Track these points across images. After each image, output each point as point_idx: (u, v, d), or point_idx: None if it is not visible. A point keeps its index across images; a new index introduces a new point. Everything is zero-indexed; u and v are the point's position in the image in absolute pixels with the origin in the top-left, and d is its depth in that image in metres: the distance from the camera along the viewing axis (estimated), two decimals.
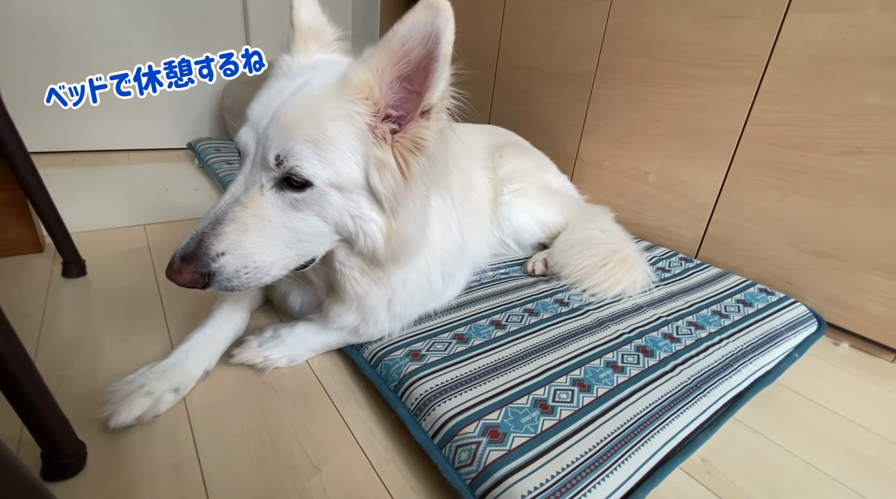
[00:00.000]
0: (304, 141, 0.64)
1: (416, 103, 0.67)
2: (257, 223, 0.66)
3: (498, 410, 0.71)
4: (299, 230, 0.69)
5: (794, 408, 0.90)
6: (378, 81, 0.65)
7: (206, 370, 0.80)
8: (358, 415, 0.77)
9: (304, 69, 0.71)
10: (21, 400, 0.55)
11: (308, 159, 0.64)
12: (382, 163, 0.67)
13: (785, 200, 1.21)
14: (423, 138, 0.67)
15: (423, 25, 0.59)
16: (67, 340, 0.88)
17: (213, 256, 0.64)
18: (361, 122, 0.66)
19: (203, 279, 0.64)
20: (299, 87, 0.67)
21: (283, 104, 0.66)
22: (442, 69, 0.62)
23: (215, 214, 0.66)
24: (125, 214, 1.44)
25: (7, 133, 0.90)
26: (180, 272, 0.63)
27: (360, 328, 0.85)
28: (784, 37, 1.14)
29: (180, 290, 1.05)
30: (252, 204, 0.66)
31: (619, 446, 0.67)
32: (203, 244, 0.64)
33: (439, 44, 0.60)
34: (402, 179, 0.69)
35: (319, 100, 0.66)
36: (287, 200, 0.67)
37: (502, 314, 1.00)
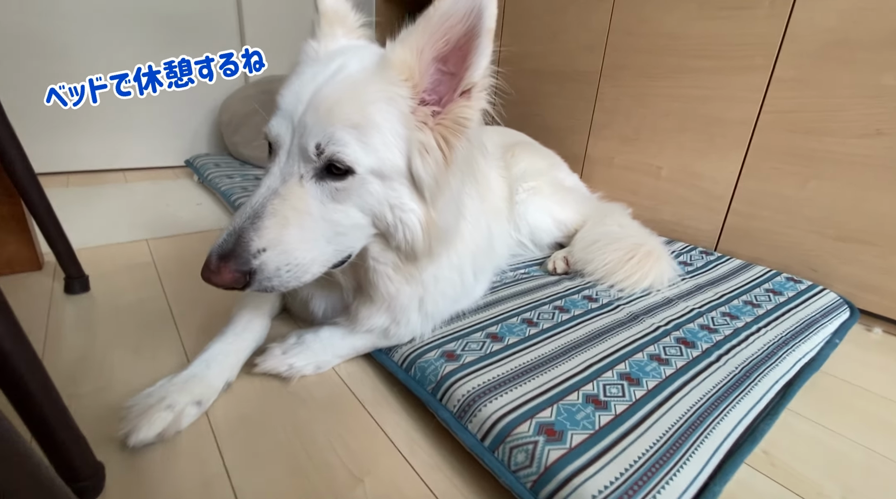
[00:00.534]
0: (346, 126, 0.60)
1: (450, 85, 0.66)
2: (297, 217, 0.62)
3: (549, 407, 0.66)
4: (339, 223, 0.65)
5: (843, 395, 0.87)
6: (418, 62, 0.63)
7: (227, 381, 0.75)
8: (395, 422, 0.72)
9: (333, 54, 0.68)
10: (35, 416, 0.50)
11: (350, 145, 0.61)
12: (425, 147, 0.64)
13: (805, 187, 1.19)
14: (467, 118, 0.65)
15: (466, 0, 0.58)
16: (74, 357, 0.82)
17: (253, 253, 0.59)
18: (404, 105, 0.63)
19: (244, 278, 0.60)
20: (334, 71, 0.64)
21: (319, 90, 0.62)
22: (486, 45, 0.60)
23: (253, 208, 0.61)
24: (126, 230, 1.39)
25: (7, 139, 0.86)
26: (219, 271, 0.58)
27: (391, 330, 0.80)
28: (795, 23, 1.14)
29: (192, 301, 1.02)
30: (291, 196, 0.62)
31: (683, 439, 0.63)
32: (243, 240, 0.59)
33: (482, 18, 0.59)
34: (444, 164, 0.66)
35: (360, 83, 0.63)
36: (327, 190, 0.63)
37: (532, 312, 0.96)
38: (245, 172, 1.91)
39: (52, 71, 1.85)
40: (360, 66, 0.64)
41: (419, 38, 0.61)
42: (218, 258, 0.59)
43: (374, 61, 0.65)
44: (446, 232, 0.72)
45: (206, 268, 0.59)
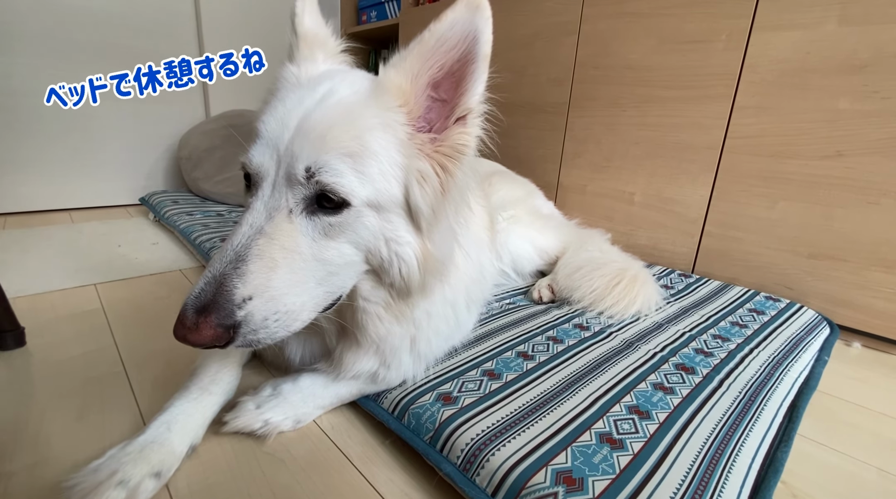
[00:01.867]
0: (340, 154, 0.55)
1: (441, 111, 0.63)
2: (287, 257, 0.55)
3: (563, 450, 0.60)
4: (331, 262, 0.59)
5: (842, 413, 0.86)
6: (412, 87, 0.60)
7: (192, 445, 0.64)
8: (390, 479, 0.64)
9: (319, 78, 0.63)
10: None
11: (345, 175, 0.55)
12: (423, 176, 0.60)
13: (774, 207, 1.23)
14: (465, 145, 0.62)
15: (463, 24, 0.56)
16: (4, 425, 0.69)
17: (238, 303, 0.52)
18: (401, 132, 0.59)
19: (227, 334, 0.51)
20: (323, 95, 0.59)
21: (308, 115, 0.57)
22: (482, 71, 0.59)
23: (235, 251, 0.54)
24: (71, 274, 1.25)
25: None
26: (199, 329, 0.50)
27: (380, 374, 0.73)
28: (751, 55, 1.21)
29: (148, 351, 0.91)
30: (279, 234, 0.55)
31: (708, 474, 0.58)
32: (225, 289, 0.51)
33: (478, 43, 0.57)
34: (441, 193, 0.62)
35: (354, 108, 0.58)
36: (319, 226, 0.57)
37: (526, 344, 0.91)
38: (206, 209, 1.81)
39: None
40: (352, 90, 0.60)
41: (413, 62, 0.59)
42: (195, 312, 0.50)
43: (366, 86, 0.61)
44: (443, 264, 0.67)
45: (180, 325, 0.51)
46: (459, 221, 0.73)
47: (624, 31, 1.45)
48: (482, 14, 0.56)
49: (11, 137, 1.78)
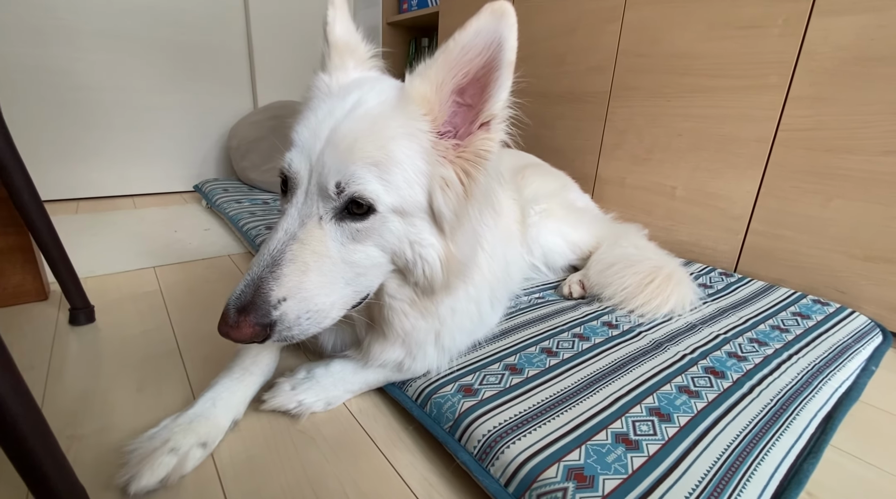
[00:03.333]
0: (367, 164, 0.58)
1: (466, 117, 0.64)
2: (317, 261, 0.59)
3: (577, 448, 0.62)
4: (359, 264, 0.62)
5: (884, 427, 0.81)
6: (437, 95, 0.61)
7: (234, 420, 0.71)
8: (411, 463, 0.68)
9: (348, 88, 0.66)
10: (30, 467, 0.46)
11: (372, 183, 0.58)
12: (446, 181, 0.63)
13: (828, 206, 1.16)
14: (488, 150, 0.63)
15: (487, 32, 0.57)
16: (76, 394, 0.79)
17: (273, 304, 0.56)
18: (425, 140, 0.61)
19: (265, 331, 0.56)
20: (352, 106, 0.61)
21: (338, 126, 0.60)
22: (506, 77, 0.60)
23: (271, 255, 0.58)
24: (134, 258, 1.37)
25: (14, 169, 0.85)
26: (239, 326, 0.55)
27: (405, 364, 0.77)
28: (810, 41, 1.13)
29: (198, 331, 0.99)
30: (311, 240, 0.59)
31: (724, 483, 0.58)
32: (262, 291, 0.56)
33: (503, 50, 0.58)
34: (464, 197, 0.64)
35: (379, 118, 0.60)
36: (347, 232, 0.61)
37: (551, 340, 0.92)
38: (253, 197, 1.91)
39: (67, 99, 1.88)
40: (379, 100, 0.62)
41: (438, 71, 0.60)
42: (236, 311, 0.55)
43: (392, 95, 0.63)
44: (465, 265, 0.70)
45: (223, 322, 0.56)
46: (484, 222, 0.75)
47: (671, 16, 1.38)
48: (507, 21, 0.57)
49: (80, 128, 1.95)
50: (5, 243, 1.01)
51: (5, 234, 1.00)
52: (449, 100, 0.63)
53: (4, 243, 1.01)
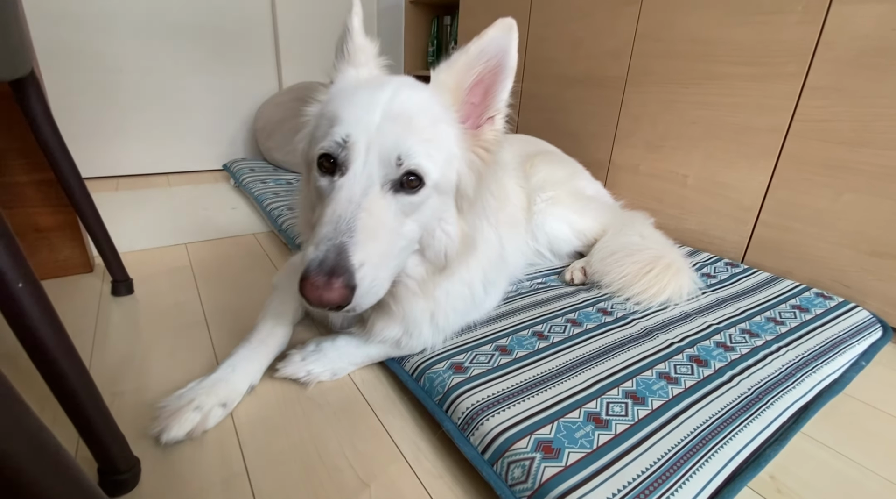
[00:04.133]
0: (421, 139, 0.65)
1: (474, 111, 0.74)
2: (380, 230, 0.62)
3: (550, 424, 0.68)
4: (404, 236, 0.68)
5: (864, 420, 0.84)
6: (458, 90, 0.71)
7: (251, 385, 0.80)
8: (403, 429, 0.76)
9: (379, 79, 0.73)
10: (81, 417, 0.56)
11: (425, 159, 0.65)
12: (469, 166, 0.72)
13: (838, 199, 1.15)
14: (496, 140, 0.74)
15: (498, 41, 0.69)
16: (118, 357, 0.90)
17: (356, 267, 0.58)
18: (457, 127, 0.71)
19: (350, 295, 0.57)
20: (393, 92, 0.67)
21: (390, 105, 0.65)
22: (509, 79, 0.72)
23: (346, 222, 0.60)
24: (167, 234, 1.49)
25: (60, 156, 0.95)
26: (331, 287, 0.56)
27: (403, 341, 0.84)
28: (829, 30, 1.10)
29: (223, 305, 1.09)
30: (375, 209, 0.62)
31: (682, 462, 0.63)
32: (345, 254, 0.57)
33: (508, 56, 0.70)
34: (478, 181, 0.74)
35: (425, 104, 0.68)
36: (400, 204, 0.65)
37: (544, 325, 0.98)
38: (277, 177, 2.00)
39: (105, 82, 2.00)
40: (417, 89, 0.70)
41: (460, 69, 0.70)
42: (327, 274, 0.56)
43: (426, 87, 0.71)
44: (472, 243, 0.79)
45: (311, 287, 0.56)
46: (486, 205, 0.83)
47: (690, 0, 1.35)
48: (512, 34, 0.69)
49: (118, 110, 2.07)
50: (55, 221, 1.13)
51: (55, 213, 1.12)
52: (464, 96, 0.72)
53: (55, 221, 1.13)
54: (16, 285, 0.47)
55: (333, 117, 0.67)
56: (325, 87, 0.77)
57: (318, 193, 0.69)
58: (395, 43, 2.79)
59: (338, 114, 0.66)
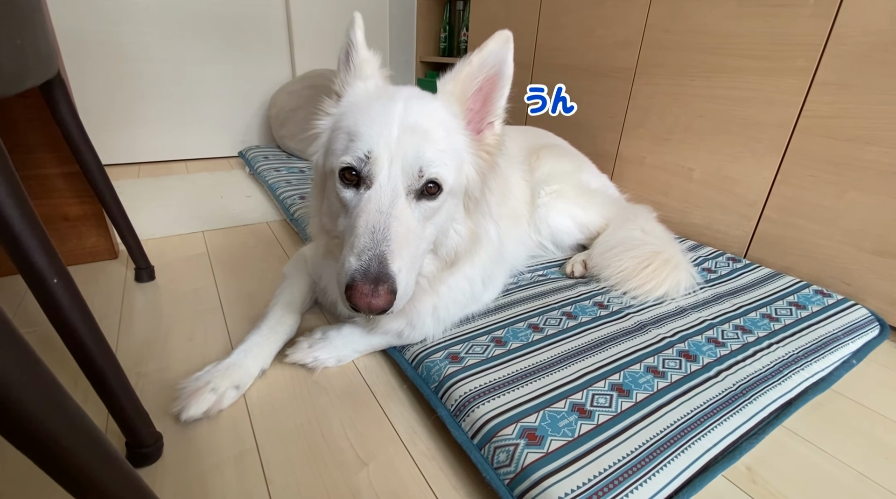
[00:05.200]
0: (439, 150, 0.70)
1: (475, 117, 0.79)
2: (409, 236, 0.67)
3: (536, 413, 0.72)
4: (426, 239, 0.74)
5: (850, 417, 0.86)
6: (463, 99, 0.76)
7: (262, 369, 0.87)
8: (401, 413, 0.81)
9: (388, 90, 0.77)
10: (109, 395, 0.63)
11: (443, 167, 0.70)
12: (476, 169, 0.77)
13: (843, 197, 1.14)
14: (496, 144, 0.80)
15: (497, 52, 0.75)
16: (142, 339, 0.97)
17: (396, 273, 0.63)
18: (465, 134, 0.77)
19: (393, 299, 0.63)
20: (406, 104, 0.71)
21: (405, 117, 0.70)
22: (507, 86, 0.77)
23: (382, 232, 0.65)
24: (186, 222, 1.56)
25: (85, 150, 1.01)
26: (378, 294, 0.61)
27: (406, 332, 0.89)
28: (840, 24, 1.08)
29: (237, 292, 1.15)
30: (404, 217, 0.67)
31: (659, 451, 0.67)
32: (386, 262, 0.63)
33: (505, 65, 0.76)
34: (483, 181, 0.80)
35: (437, 114, 0.73)
36: (422, 210, 0.71)
37: (540, 317, 1.02)
38: (290, 165, 2.05)
39: (125, 71, 2.06)
40: (427, 100, 0.75)
41: (464, 79, 0.76)
42: (373, 283, 0.62)
43: (433, 97, 0.76)
44: (479, 238, 0.85)
45: (360, 294, 0.61)
46: (490, 202, 0.89)
47: None
48: (509, 46, 0.75)
49: (139, 98, 2.13)
50: (82, 211, 1.20)
51: (82, 203, 1.19)
52: (468, 103, 0.77)
53: (82, 211, 1.20)
54: (52, 281, 0.53)
55: (352, 132, 0.71)
56: (333, 99, 0.81)
57: (341, 203, 0.73)
58: (408, 29, 2.78)
59: (356, 129, 0.71)
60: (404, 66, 2.90)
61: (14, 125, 1.07)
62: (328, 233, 0.82)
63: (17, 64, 0.62)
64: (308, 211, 0.90)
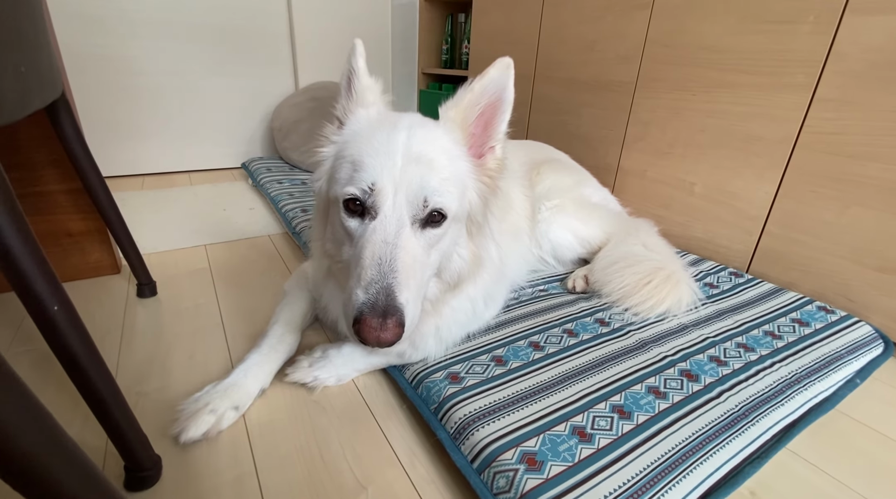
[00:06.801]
0: (442, 179, 0.71)
1: (474, 142, 0.80)
2: (416, 266, 0.68)
3: (536, 437, 0.72)
4: (431, 266, 0.74)
5: (854, 438, 0.85)
6: (465, 125, 0.77)
7: (262, 388, 0.86)
8: (401, 435, 0.81)
9: (390, 118, 0.78)
10: (109, 420, 0.63)
11: (446, 195, 0.70)
12: (478, 194, 0.78)
13: (845, 213, 1.14)
14: (498, 168, 0.81)
15: (498, 79, 0.76)
16: (143, 357, 0.97)
17: (404, 306, 0.63)
18: (468, 160, 0.78)
19: (402, 332, 0.63)
20: (408, 133, 0.72)
21: (409, 147, 0.70)
22: (507, 111, 0.78)
23: (389, 263, 0.65)
24: (189, 235, 1.57)
25: (88, 168, 1.01)
26: (386, 327, 0.61)
27: (407, 352, 0.89)
28: (840, 41, 1.08)
29: (238, 308, 1.16)
30: (409, 246, 0.67)
31: (660, 476, 0.67)
32: (393, 294, 0.63)
33: (506, 91, 0.77)
34: (485, 205, 0.80)
35: (439, 142, 0.74)
36: (427, 238, 0.71)
37: (541, 335, 1.01)
38: (293, 177, 2.06)
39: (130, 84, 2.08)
40: (430, 127, 0.75)
41: (466, 105, 0.77)
42: (382, 317, 0.61)
43: (436, 124, 0.77)
44: (482, 260, 0.86)
45: (369, 328, 0.61)
46: (491, 223, 0.89)
47: (701, 5, 1.34)
48: (510, 72, 0.76)
49: (142, 110, 2.15)
50: (86, 226, 1.21)
51: (85, 219, 1.20)
52: (470, 129, 0.78)
53: (85, 226, 1.21)
54: (52, 309, 0.53)
55: (356, 162, 0.71)
56: (335, 125, 0.81)
57: (345, 232, 0.73)
58: (410, 41, 2.80)
59: (360, 159, 0.71)
60: (407, 78, 2.92)
61: (18, 143, 1.08)
62: (331, 257, 0.82)
63: (20, 92, 0.63)
64: (311, 234, 0.90)
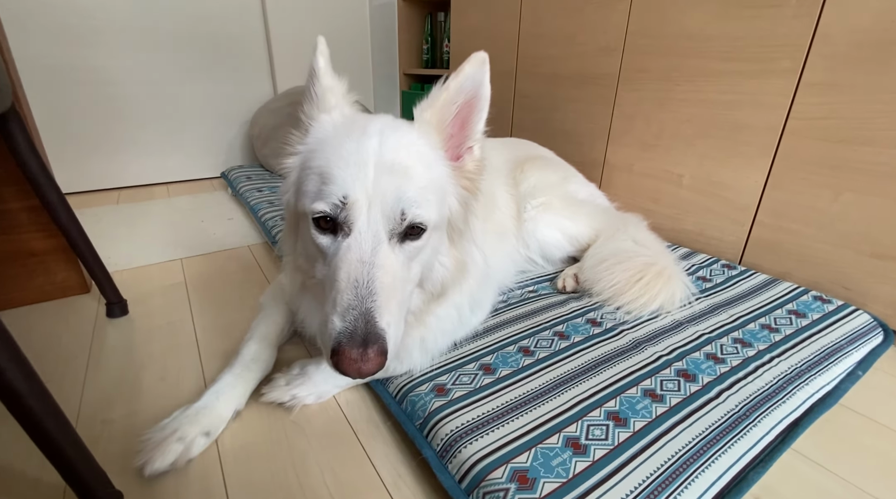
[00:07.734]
0: (419, 188, 0.65)
1: (453, 143, 0.76)
2: (394, 284, 0.62)
3: (527, 451, 0.67)
4: (411, 280, 0.69)
5: (859, 433, 0.82)
6: (441, 126, 0.72)
7: (236, 410, 0.81)
8: (385, 454, 0.76)
9: (359, 122, 0.71)
10: (60, 459, 0.57)
11: (424, 206, 0.65)
12: (458, 198, 0.74)
13: (838, 199, 1.11)
14: (477, 169, 0.77)
15: (474, 76, 0.72)
16: (110, 382, 0.91)
17: (385, 331, 0.58)
18: (446, 165, 0.73)
19: (384, 360, 0.58)
20: (380, 139, 0.65)
21: (381, 155, 0.64)
22: (484, 109, 0.74)
23: (366, 286, 0.59)
24: (163, 249, 1.51)
25: (46, 184, 0.96)
26: (367, 358, 0.56)
27: (391, 366, 0.84)
28: (825, 23, 1.05)
29: (214, 325, 1.10)
30: (387, 264, 0.62)
31: (660, 489, 0.62)
32: (373, 320, 0.57)
33: (483, 87, 0.73)
34: (466, 210, 0.76)
35: (414, 147, 0.68)
36: (406, 252, 0.65)
37: (530, 339, 0.97)
38: (273, 184, 2.01)
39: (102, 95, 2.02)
40: (403, 131, 0.70)
41: (441, 105, 0.72)
42: (361, 347, 0.56)
43: (410, 127, 0.71)
44: (466, 266, 0.81)
45: (348, 360, 0.56)
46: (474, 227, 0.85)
47: None
48: (485, 68, 0.72)
49: (116, 121, 2.09)
50: (50, 245, 1.15)
51: (49, 237, 1.14)
52: (447, 130, 0.73)
53: (49, 245, 1.15)
54: None
55: (324, 174, 0.64)
56: (301, 133, 0.74)
57: (317, 249, 0.67)
58: (390, 42, 2.75)
59: (328, 171, 0.64)
60: (388, 80, 2.87)
61: None
62: (305, 273, 0.77)
63: None
64: (283, 247, 0.84)
